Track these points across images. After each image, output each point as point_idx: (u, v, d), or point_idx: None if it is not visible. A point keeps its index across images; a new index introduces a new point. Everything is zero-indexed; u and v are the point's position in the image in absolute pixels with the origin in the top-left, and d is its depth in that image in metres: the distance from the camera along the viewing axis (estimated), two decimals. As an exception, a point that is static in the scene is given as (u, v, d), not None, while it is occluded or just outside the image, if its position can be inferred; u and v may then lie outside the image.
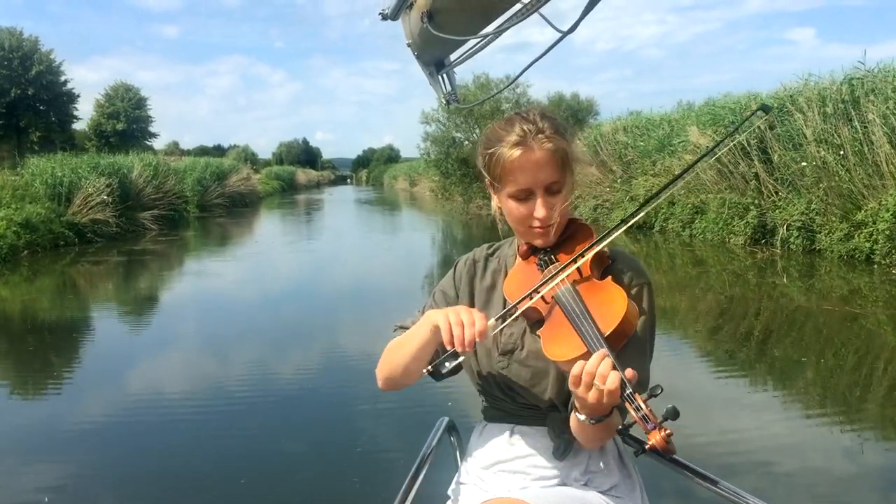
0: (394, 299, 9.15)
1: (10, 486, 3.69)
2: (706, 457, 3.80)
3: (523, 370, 1.43)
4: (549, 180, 1.37)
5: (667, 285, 10.28)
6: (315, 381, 5.58)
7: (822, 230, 10.72)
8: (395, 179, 63.37)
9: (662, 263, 12.59)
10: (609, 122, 18.60)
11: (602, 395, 1.16)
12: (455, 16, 1.49)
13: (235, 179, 34.36)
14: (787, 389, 5.39)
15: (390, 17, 1.74)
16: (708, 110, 13.94)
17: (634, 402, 1.12)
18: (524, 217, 1.40)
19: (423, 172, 46.81)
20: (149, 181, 21.45)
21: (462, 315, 1.30)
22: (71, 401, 5.30)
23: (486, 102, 22.22)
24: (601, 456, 1.46)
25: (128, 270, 12.85)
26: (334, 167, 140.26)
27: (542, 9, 1.22)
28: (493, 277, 1.56)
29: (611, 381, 1.14)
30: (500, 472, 1.47)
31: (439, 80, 1.88)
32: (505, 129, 1.39)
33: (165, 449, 4.18)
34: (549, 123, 1.38)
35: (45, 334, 7.71)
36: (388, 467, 3.64)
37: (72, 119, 41.08)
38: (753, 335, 7.10)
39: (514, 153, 1.36)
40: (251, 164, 58.46)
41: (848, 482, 3.71)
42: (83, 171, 17.50)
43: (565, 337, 1.27)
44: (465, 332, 1.27)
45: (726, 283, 9.88)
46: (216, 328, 7.83)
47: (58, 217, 15.66)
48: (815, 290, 9.17)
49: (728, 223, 12.56)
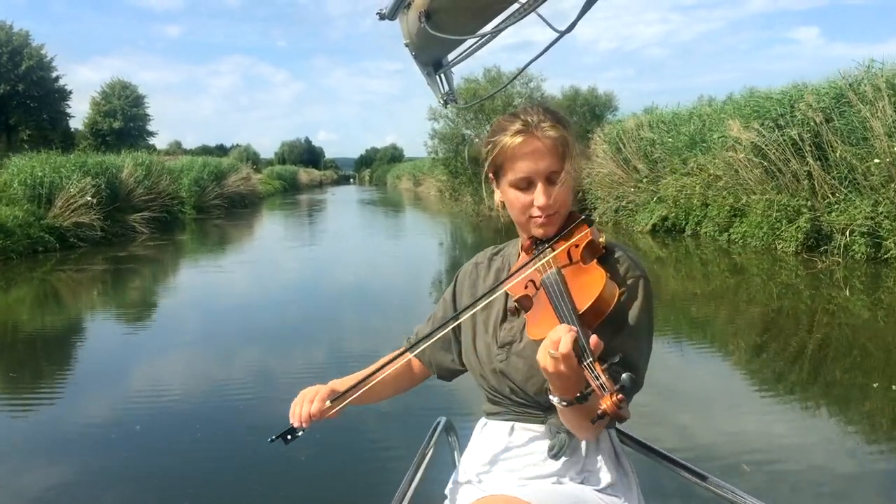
0: (400, 312, 8.33)
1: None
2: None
3: (521, 362, 1.44)
4: (549, 169, 1.39)
5: (701, 295, 9.24)
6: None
7: (891, 236, 9.41)
8: (399, 179, 62.26)
9: (695, 270, 11.36)
10: (632, 118, 17.27)
11: (559, 363, 1.16)
12: (453, 15, 1.50)
13: (234, 179, 33.30)
14: (853, 418, 4.66)
15: (388, 16, 1.74)
16: (751, 103, 12.58)
17: (594, 370, 1.12)
18: (525, 206, 1.42)
19: (429, 172, 45.69)
20: (140, 181, 20.26)
21: (307, 393, 1.50)
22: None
23: (497, 97, 20.97)
24: (597, 454, 1.45)
25: (103, 281, 11.54)
26: (337, 167, 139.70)
27: (540, 9, 1.23)
28: (496, 276, 1.58)
29: (563, 346, 1.15)
30: (498, 470, 1.48)
31: (437, 80, 1.90)
32: (508, 120, 1.43)
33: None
34: (552, 115, 1.42)
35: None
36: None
37: (64, 117, 39.59)
38: (807, 354, 6.16)
39: (515, 140, 1.39)
40: (253, 163, 57.66)
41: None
42: (67, 170, 16.26)
43: (545, 318, 1.29)
44: (301, 409, 1.47)
45: (773, 295, 8.78)
46: (201, 344, 6.82)
47: (37, 220, 14.44)
48: (883, 304, 8.03)
49: (775, 227, 11.26)
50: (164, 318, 8.57)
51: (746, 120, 11.83)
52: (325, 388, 1.50)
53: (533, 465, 1.44)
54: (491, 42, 1.51)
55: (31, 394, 5.60)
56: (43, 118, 37.59)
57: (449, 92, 1.91)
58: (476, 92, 20.98)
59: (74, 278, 11.62)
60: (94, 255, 13.90)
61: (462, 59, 1.76)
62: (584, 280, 1.31)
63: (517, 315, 1.46)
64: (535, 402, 1.45)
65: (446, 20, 1.49)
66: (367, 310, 8.59)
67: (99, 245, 15.32)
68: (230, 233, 21.29)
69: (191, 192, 27.45)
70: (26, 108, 36.81)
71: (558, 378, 1.19)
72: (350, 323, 8.00)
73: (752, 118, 11.50)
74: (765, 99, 11.88)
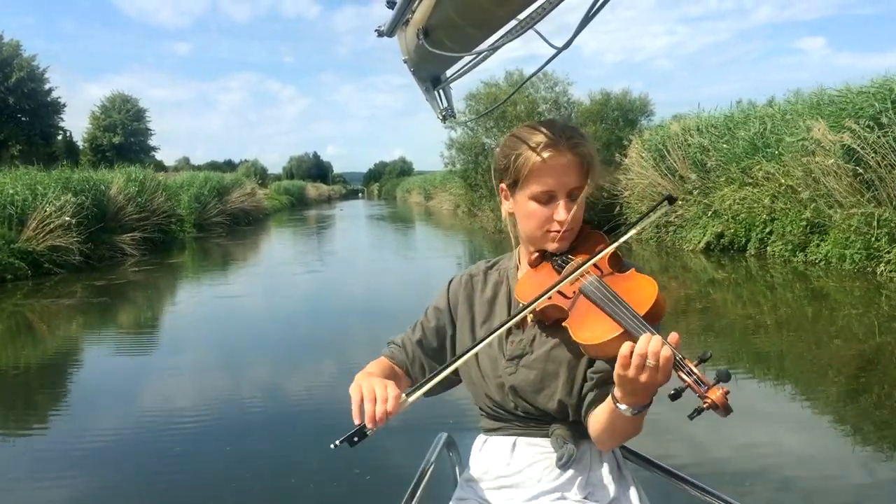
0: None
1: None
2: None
3: (531, 373, 1.42)
4: (573, 185, 1.39)
5: (773, 326, 7.63)
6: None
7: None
8: (409, 193, 60.57)
9: (761, 295, 9.49)
10: (677, 121, 15.38)
11: (656, 371, 1.14)
12: (451, 32, 1.49)
13: (238, 195, 31.69)
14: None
15: (386, 33, 1.73)
16: (837, 99, 10.62)
17: (685, 367, 1.11)
18: (544, 220, 1.41)
19: (441, 185, 43.91)
20: (131, 198, 18.57)
21: (377, 389, 1.28)
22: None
23: (521, 103, 19.20)
24: (601, 469, 1.45)
25: (69, 318, 9.72)
26: (345, 181, 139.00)
27: (541, 24, 1.23)
28: (494, 289, 1.56)
29: (665, 352, 1.14)
30: (501, 487, 1.47)
31: (436, 96, 1.89)
32: (533, 132, 1.41)
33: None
34: (576, 131, 1.41)
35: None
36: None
37: (57, 131, 37.69)
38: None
39: (543, 155, 1.37)
40: (260, 178, 56.27)
41: None
42: (44, 187, 14.55)
43: (596, 321, 1.27)
44: (376, 408, 1.26)
45: (874, 329, 7.16)
46: (180, 394, 5.21)
47: (7, 244, 12.71)
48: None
49: (873, 247, 9.33)
50: (122, 382, 6.69)
51: (835, 118, 9.90)
52: (389, 383, 1.31)
53: (538, 482, 1.43)
54: (493, 56, 1.51)
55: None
56: (35, 132, 35.52)
57: (448, 107, 1.93)
58: (497, 97, 19.25)
59: (28, 318, 9.80)
60: (68, 284, 12.11)
61: (460, 76, 1.79)
62: (630, 285, 1.30)
63: (523, 328, 1.47)
64: (541, 415, 1.44)
65: (444, 37, 1.50)
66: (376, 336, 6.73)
67: (79, 271, 13.57)
68: (230, 253, 19.51)
69: (191, 210, 25.95)
70: (16, 122, 34.77)
71: (648, 387, 1.17)
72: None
73: (843, 116, 9.56)
74: (856, 94, 9.95)
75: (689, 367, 1.09)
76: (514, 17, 1.27)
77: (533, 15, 1.22)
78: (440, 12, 1.45)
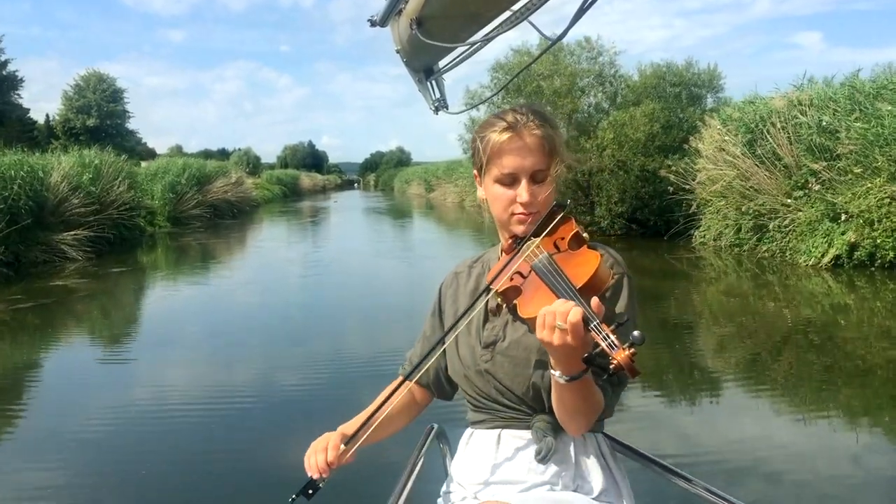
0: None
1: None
2: None
3: (506, 361, 1.43)
4: (535, 167, 1.39)
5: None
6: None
7: None
8: (408, 184, 56.99)
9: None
10: (781, 96, 11.90)
11: (566, 334, 1.15)
12: (444, 23, 1.49)
13: (222, 184, 28.18)
14: None
15: (379, 23, 1.72)
16: None
17: (602, 331, 1.12)
18: (507, 202, 1.41)
19: (445, 176, 40.25)
20: (79, 187, 15.09)
21: (319, 443, 1.41)
22: None
23: (561, 75, 15.74)
24: (589, 461, 1.44)
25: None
26: (341, 171, 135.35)
27: (536, 14, 1.20)
28: (476, 281, 1.57)
29: (572, 315, 1.14)
30: (490, 481, 1.46)
31: (428, 87, 1.89)
32: (497, 117, 1.42)
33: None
34: (538, 115, 1.42)
35: None
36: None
37: (15, 108, 33.52)
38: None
39: (502, 137, 1.38)
40: (252, 167, 52.78)
41: None
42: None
43: (539, 296, 1.28)
44: (317, 459, 1.38)
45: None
46: None
47: None
48: None
49: None
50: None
51: None
52: (335, 435, 1.44)
53: (524, 474, 1.42)
54: (487, 46, 1.50)
55: None
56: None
57: (441, 98, 1.94)
58: (511, 70, 15.88)
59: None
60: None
61: (453, 66, 1.78)
62: (577, 261, 1.31)
63: (498, 314, 1.47)
64: (521, 403, 1.44)
65: (438, 27, 1.50)
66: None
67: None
68: (202, 254, 16.05)
69: (165, 201, 22.52)
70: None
71: (564, 350, 1.18)
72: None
73: None
74: None
75: (605, 332, 1.11)
76: (508, 7, 1.32)
77: (528, 5, 1.25)
78: (434, 2, 1.46)
